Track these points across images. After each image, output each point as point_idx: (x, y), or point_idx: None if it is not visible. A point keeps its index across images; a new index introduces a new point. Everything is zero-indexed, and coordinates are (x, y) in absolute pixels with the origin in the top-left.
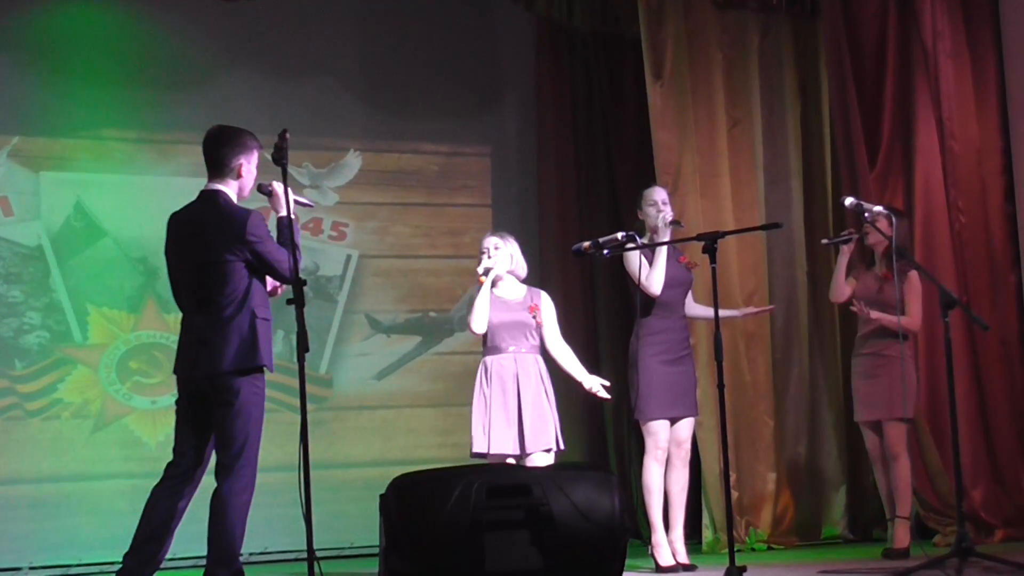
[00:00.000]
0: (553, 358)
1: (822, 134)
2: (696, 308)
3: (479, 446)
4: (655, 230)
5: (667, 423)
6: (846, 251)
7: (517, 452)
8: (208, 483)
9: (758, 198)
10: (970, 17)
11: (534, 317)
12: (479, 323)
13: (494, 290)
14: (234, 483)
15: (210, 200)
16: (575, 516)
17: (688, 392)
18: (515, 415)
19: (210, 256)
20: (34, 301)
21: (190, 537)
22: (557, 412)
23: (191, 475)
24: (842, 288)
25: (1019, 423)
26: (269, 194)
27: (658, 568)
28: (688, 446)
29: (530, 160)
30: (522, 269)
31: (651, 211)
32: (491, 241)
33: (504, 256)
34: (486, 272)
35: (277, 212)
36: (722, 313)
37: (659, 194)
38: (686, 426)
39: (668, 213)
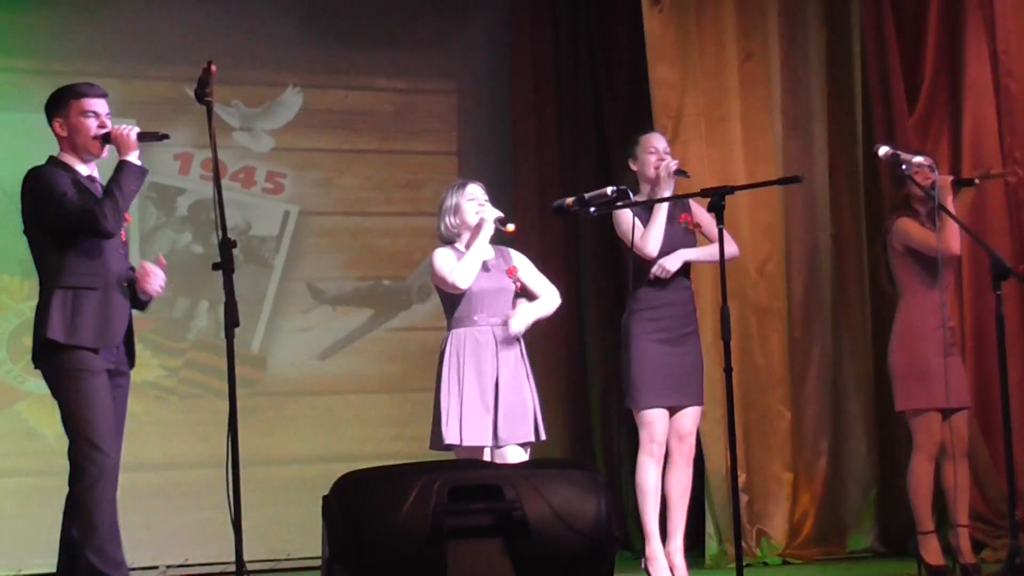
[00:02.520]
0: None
1: (851, 70)
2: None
3: (451, 436)
4: (654, 182)
5: (665, 412)
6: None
7: (490, 445)
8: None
9: (775, 146)
10: None
11: (515, 281)
12: (467, 278)
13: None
14: (77, 483)
15: None
16: (554, 522)
17: (692, 377)
18: (491, 399)
19: (25, 232)
20: None
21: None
22: (538, 397)
23: None
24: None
25: None
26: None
27: None
28: (692, 441)
29: (503, 99)
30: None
31: (650, 159)
32: (475, 190)
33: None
34: (501, 221)
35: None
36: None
37: (659, 141)
38: (690, 417)
39: (672, 161)
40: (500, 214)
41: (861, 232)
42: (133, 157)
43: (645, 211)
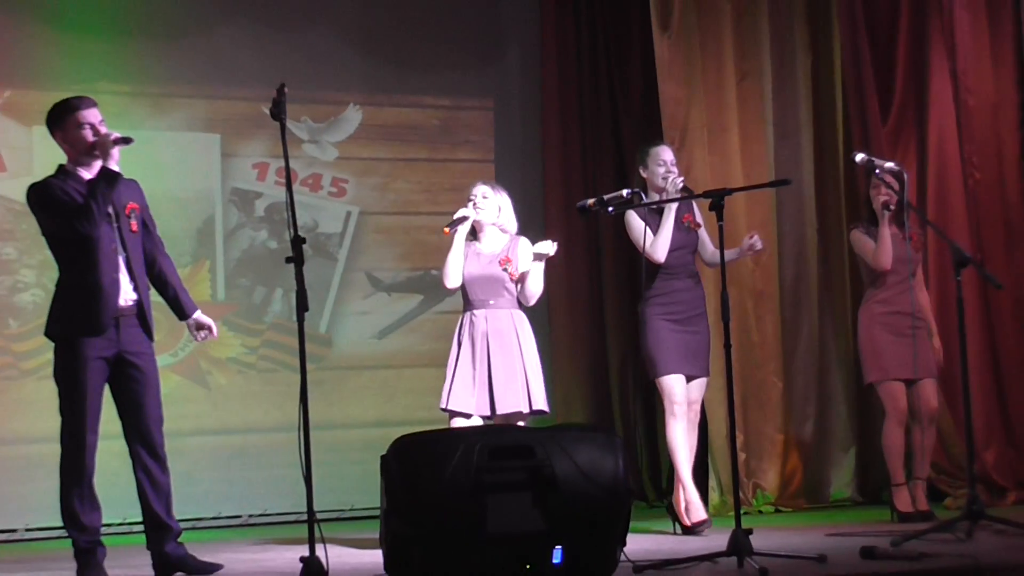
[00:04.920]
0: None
1: (833, 87)
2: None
3: (441, 402)
4: (661, 191)
5: (683, 378)
6: (888, 217)
7: (484, 413)
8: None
9: (767, 153)
10: None
11: (505, 270)
12: (452, 278)
13: (476, 243)
14: None
15: None
16: (578, 478)
17: (699, 352)
18: (484, 375)
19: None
20: (28, 259)
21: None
22: (541, 372)
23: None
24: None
25: None
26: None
27: (691, 525)
28: (698, 408)
29: (534, 114)
30: (511, 224)
31: (659, 170)
32: (480, 189)
33: (491, 206)
34: (459, 222)
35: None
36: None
37: (667, 153)
38: (697, 387)
39: (679, 179)
40: (464, 213)
41: (843, 227)
42: (111, 163)
43: (652, 213)
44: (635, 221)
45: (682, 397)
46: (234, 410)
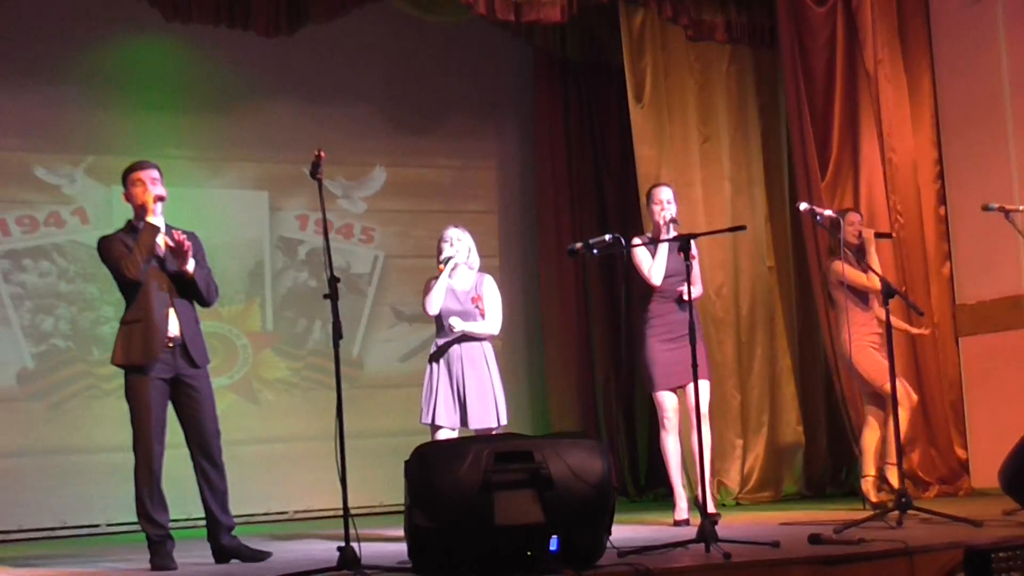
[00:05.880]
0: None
1: (781, 148)
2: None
3: (425, 418)
4: (657, 226)
5: (672, 394)
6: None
7: (457, 426)
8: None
9: (726, 204)
10: (907, 46)
11: (477, 307)
12: (436, 307)
13: (448, 279)
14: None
15: None
16: (571, 477)
17: (688, 363)
18: (458, 394)
19: None
20: (108, 296)
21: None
22: (503, 390)
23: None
24: None
25: (950, 394)
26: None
27: (674, 522)
28: (704, 410)
29: (529, 172)
30: (476, 262)
31: (655, 208)
32: (453, 232)
33: (463, 248)
34: (447, 261)
35: None
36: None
37: (664, 193)
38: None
39: (667, 212)
40: (450, 254)
41: (790, 265)
42: (150, 218)
43: (653, 247)
44: (637, 253)
45: (671, 411)
46: (281, 422)
